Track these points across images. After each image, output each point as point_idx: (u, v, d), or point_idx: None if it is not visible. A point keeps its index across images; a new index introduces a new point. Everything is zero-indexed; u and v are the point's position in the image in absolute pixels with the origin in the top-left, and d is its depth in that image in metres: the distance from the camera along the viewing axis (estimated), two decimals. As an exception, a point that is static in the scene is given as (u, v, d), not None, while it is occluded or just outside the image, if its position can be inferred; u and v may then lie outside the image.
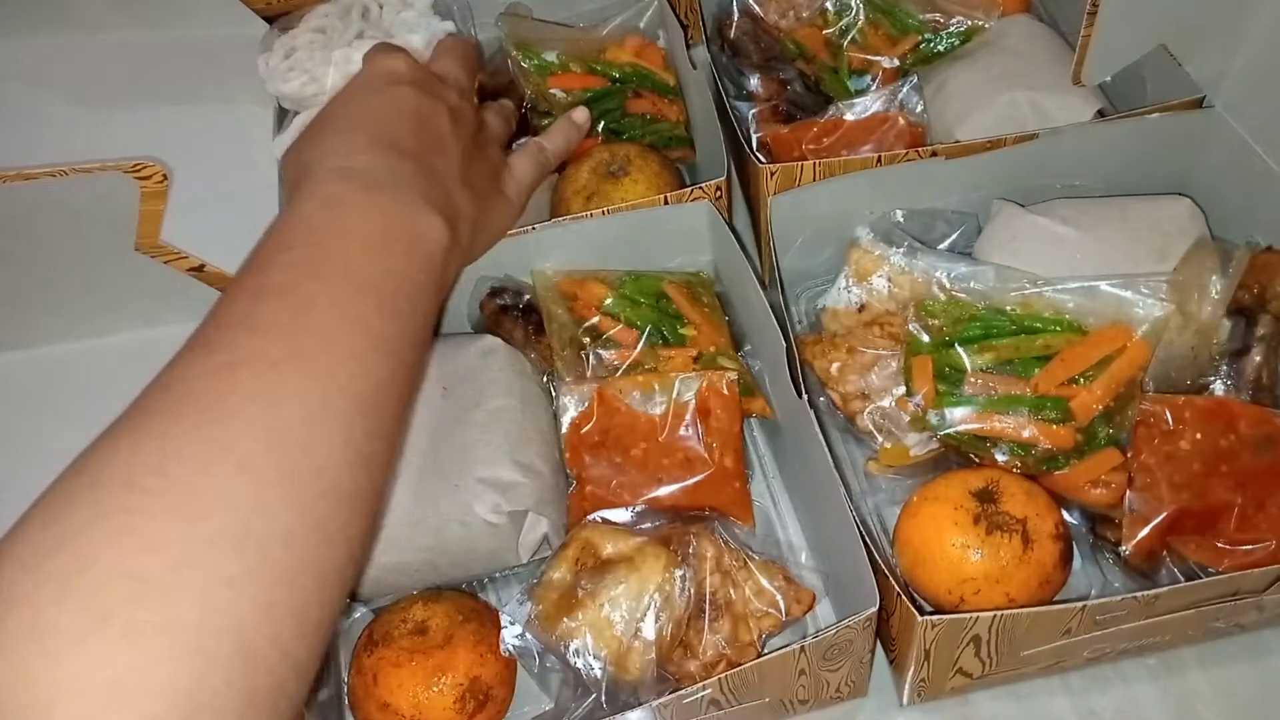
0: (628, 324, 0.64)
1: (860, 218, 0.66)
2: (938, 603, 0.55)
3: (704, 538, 0.55)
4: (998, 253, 0.63)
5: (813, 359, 0.63)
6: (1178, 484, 0.53)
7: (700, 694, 0.48)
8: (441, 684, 0.53)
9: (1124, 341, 0.56)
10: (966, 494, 0.55)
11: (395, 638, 0.55)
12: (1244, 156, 0.64)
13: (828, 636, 0.48)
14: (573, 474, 0.60)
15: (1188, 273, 0.58)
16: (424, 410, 0.60)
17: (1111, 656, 0.56)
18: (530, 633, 0.53)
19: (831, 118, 0.72)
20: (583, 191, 0.71)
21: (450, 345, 0.64)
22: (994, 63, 0.73)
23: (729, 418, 0.60)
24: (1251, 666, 0.57)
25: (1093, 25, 0.64)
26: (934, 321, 0.59)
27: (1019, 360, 0.57)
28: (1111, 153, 0.67)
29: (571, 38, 0.81)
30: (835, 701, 0.56)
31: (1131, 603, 0.48)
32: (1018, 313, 0.58)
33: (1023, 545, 0.53)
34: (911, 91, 0.72)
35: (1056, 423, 0.55)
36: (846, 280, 0.65)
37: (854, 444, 0.64)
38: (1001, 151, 0.65)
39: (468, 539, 0.57)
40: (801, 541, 0.62)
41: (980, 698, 0.57)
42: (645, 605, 0.51)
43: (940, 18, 0.76)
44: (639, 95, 0.79)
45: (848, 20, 0.77)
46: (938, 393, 0.57)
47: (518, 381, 0.62)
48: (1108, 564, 0.57)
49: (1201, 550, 0.53)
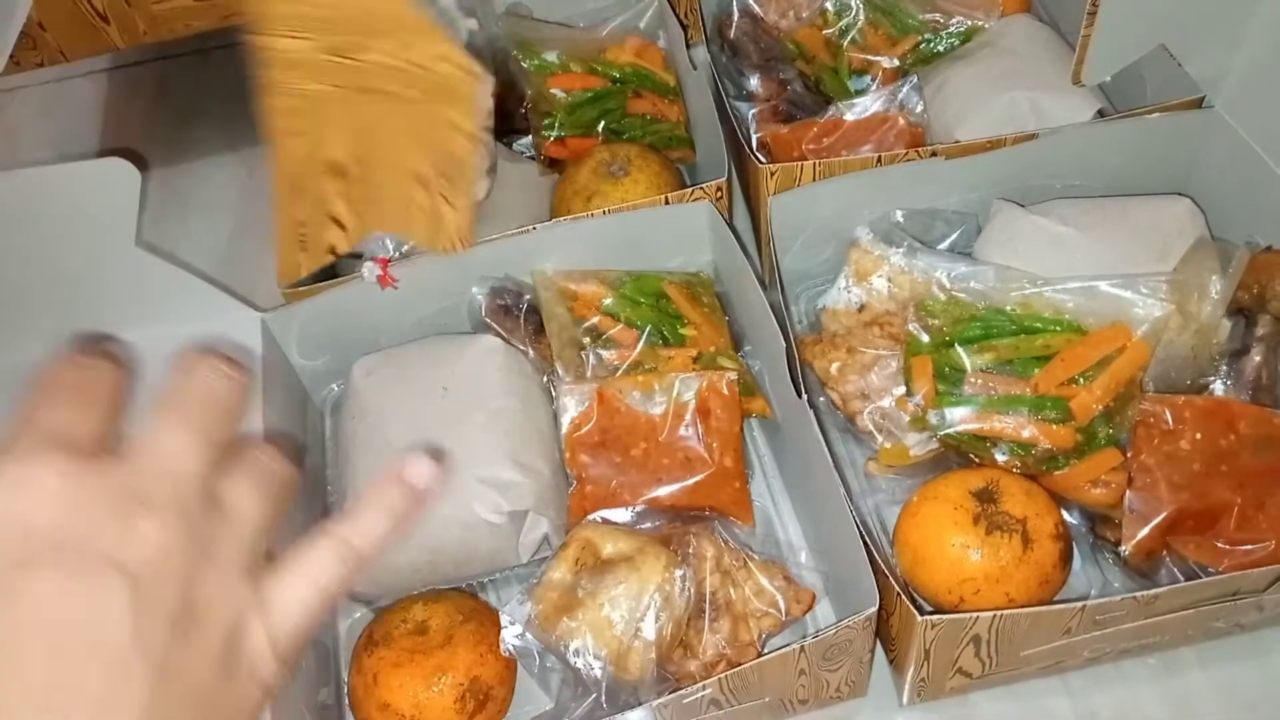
0: (628, 324, 0.64)
1: (860, 218, 0.66)
2: (937, 603, 0.55)
3: (704, 538, 0.55)
4: (998, 253, 0.63)
5: (813, 359, 0.63)
6: (1178, 484, 0.53)
7: (700, 694, 0.48)
8: (441, 684, 0.53)
9: (1124, 341, 0.56)
10: (966, 494, 0.55)
11: (395, 638, 0.55)
12: (1244, 157, 0.64)
13: (828, 636, 0.48)
14: (573, 474, 0.60)
15: (1187, 273, 0.58)
16: (424, 410, 0.60)
17: (1111, 656, 0.56)
18: (530, 633, 0.53)
19: (831, 118, 0.72)
20: (583, 192, 0.71)
21: (450, 345, 0.64)
22: (994, 63, 0.73)
23: (729, 418, 0.60)
24: (1251, 666, 0.57)
25: (1093, 25, 0.64)
26: (934, 321, 0.59)
27: (1019, 360, 0.57)
28: (1111, 153, 0.67)
29: (572, 38, 0.81)
30: (835, 701, 0.56)
31: (1131, 603, 0.48)
32: (1018, 313, 0.58)
33: (1022, 545, 0.53)
34: (911, 91, 0.72)
35: (1056, 423, 0.55)
36: (846, 280, 0.65)
37: (854, 444, 0.64)
38: (1001, 151, 0.65)
39: (468, 539, 0.57)
40: (801, 541, 0.62)
41: (980, 698, 0.57)
42: (645, 605, 0.51)
43: (940, 18, 0.76)
44: (639, 96, 0.79)
45: (848, 20, 0.77)
46: (938, 393, 0.57)
47: (518, 381, 0.62)
48: (1108, 564, 0.57)
49: (1201, 550, 0.53)
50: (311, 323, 0.66)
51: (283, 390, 0.65)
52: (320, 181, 0.63)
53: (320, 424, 0.70)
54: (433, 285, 0.66)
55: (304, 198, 0.64)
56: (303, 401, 0.69)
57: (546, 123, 0.76)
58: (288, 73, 0.59)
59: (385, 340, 0.67)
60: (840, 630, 0.48)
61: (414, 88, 0.59)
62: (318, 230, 0.64)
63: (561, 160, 0.77)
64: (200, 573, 0.33)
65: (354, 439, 0.61)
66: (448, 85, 0.58)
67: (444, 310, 0.68)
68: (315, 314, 0.65)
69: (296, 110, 0.60)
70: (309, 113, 0.60)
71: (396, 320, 0.67)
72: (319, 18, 0.57)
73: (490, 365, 0.62)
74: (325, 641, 0.60)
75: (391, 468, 0.38)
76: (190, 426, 0.35)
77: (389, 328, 0.67)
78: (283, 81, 0.59)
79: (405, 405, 0.61)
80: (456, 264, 0.65)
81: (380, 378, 0.63)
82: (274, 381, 0.63)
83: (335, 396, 0.70)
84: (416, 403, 0.61)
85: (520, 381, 0.62)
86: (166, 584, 0.32)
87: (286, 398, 0.66)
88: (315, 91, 0.59)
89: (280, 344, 0.66)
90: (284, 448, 0.37)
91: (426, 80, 0.58)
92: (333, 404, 0.70)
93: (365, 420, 0.61)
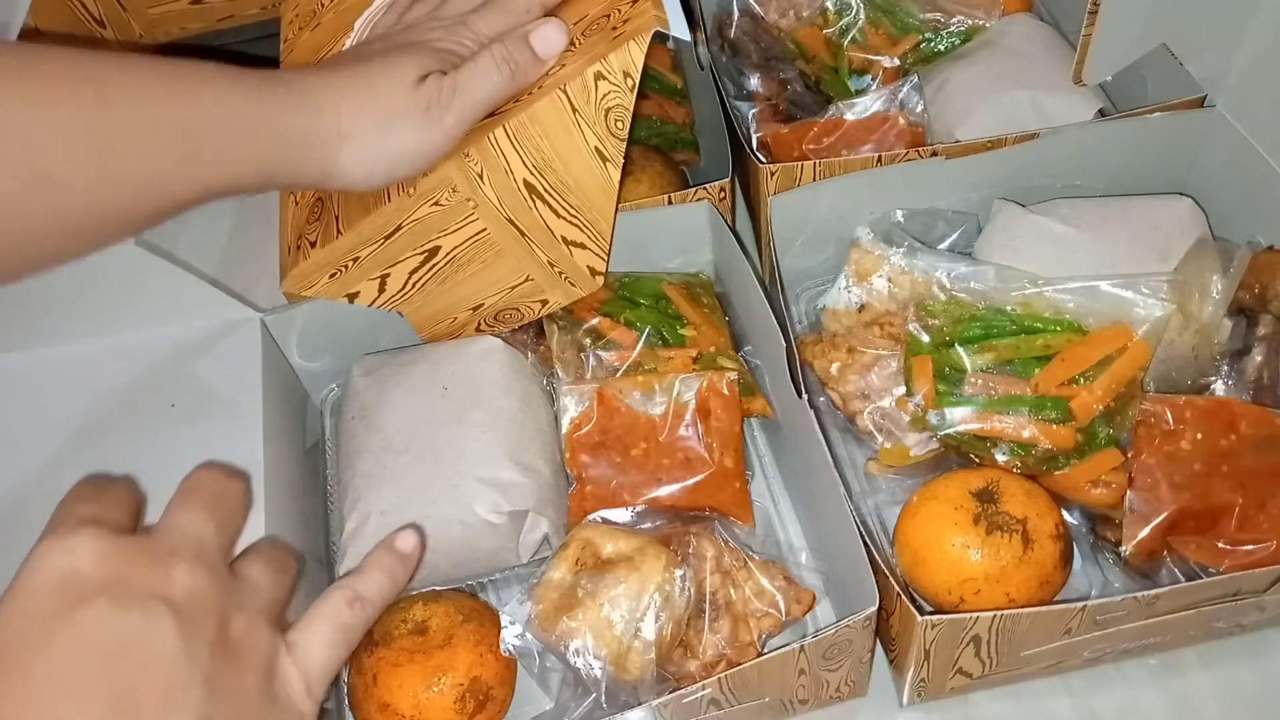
0: (627, 325, 0.64)
1: (860, 218, 0.66)
2: (938, 603, 0.55)
3: (704, 538, 0.55)
4: (998, 253, 0.63)
5: (813, 359, 0.63)
6: (1178, 484, 0.53)
7: (700, 694, 0.48)
8: (441, 684, 0.53)
9: (1124, 341, 0.56)
10: (966, 494, 0.55)
11: (395, 638, 0.55)
12: (1245, 156, 0.64)
13: (828, 636, 0.48)
14: (573, 474, 0.60)
15: (1188, 272, 0.58)
16: (424, 410, 0.60)
17: (1112, 657, 0.56)
18: (530, 633, 0.53)
19: (832, 117, 0.72)
20: (583, 191, 0.71)
21: (450, 345, 0.64)
22: (995, 62, 0.73)
23: (729, 418, 0.60)
24: (1252, 666, 0.57)
25: (1094, 24, 0.64)
26: (934, 321, 0.59)
27: (1019, 360, 0.57)
28: (1112, 152, 0.67)
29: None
30: (835, 701, 0.56)
31: (1132, 603, 0.48)
32: (1018, 313, 0.58)
33: (1023, 545, 0.53)
34: (912, 91, 0.72)
35: (1057, 423, 0.55)
36: (846, 280, 0.65)
37: (854, 444, 0.64)
38: (1002, 151, 0.65)
39: (468, 539, 0.57)
40: (801, 541, 0.62)
41: (980, 698, 0.57)
42: (645, 605, 0.51)
43: (941, 17, 0.76)
44: (645, 96, 0.78)
45: (848, 20, 0.77)
46: (938, 393, 0.57)
47: (518, 381, 0.62)
48: (1108, 564, 0.57)
49: (1202, 550, 0.53)
50: (311, 323, 0.66)
51: (283, 390, 0.65)
52: (530, 213, 0.57)
53: (320, 424, 0.70)
54: (433, 285, 0.66)
55: (535, 235, 0.58)
56: (303, 401, 0.69)
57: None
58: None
59: (385, 340, 0.67)
60: (840, 630, 0.48)
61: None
62: (567, 264, 0.60)
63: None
64: (231, 616, 0.39)
65: (354, 439, 0.61)
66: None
67: (444, 310, 0.68)
68: (315, 314, 0.65)
69: (469, 154, 0.54)
70: (480, 146, 0.54)
71: (397, 320, 0.67)
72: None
73: (490, 365, 0.62)
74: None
75: (385, 539, 0.48)
76: (205, 509, 0.42)
77: (389, 328, 0.67)
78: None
79: (405, 405, 0.61)
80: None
81: (380, 378, 0.63)
82: (274, 381, 0.63)
83: (335, 396, 0.70)
84: (416, 403, 0.61)
85: (520, 381, 0.62)
86: (206, 616, 0.38)
87: (286, 398, 0.66)
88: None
89: (280, 344, 0.66)
90: (286, 548, 0.45)
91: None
92: (333, 404, 0.70)
93: (365, 420, 0.61)
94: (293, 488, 0.62)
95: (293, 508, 0.61)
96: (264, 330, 0.64)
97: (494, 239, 0.57)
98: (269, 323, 0.64)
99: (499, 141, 0.53)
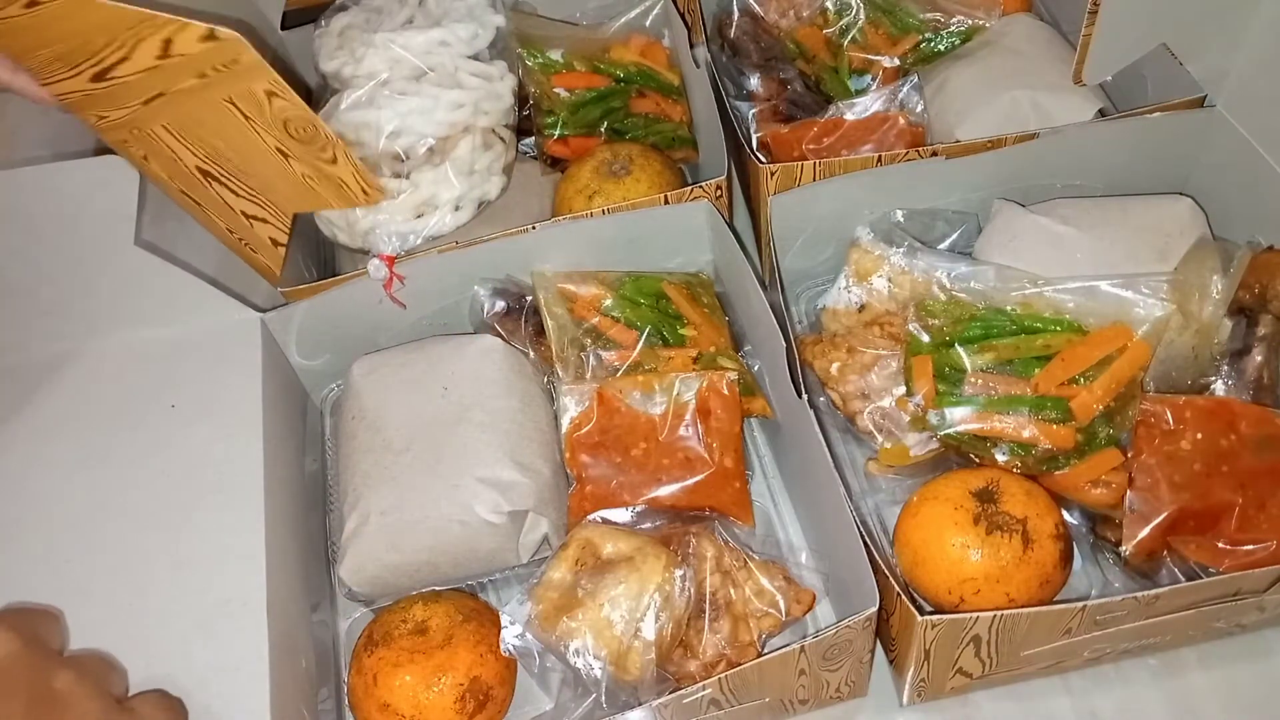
0: (627, 324, 0.64)
1: (860, 218, 0.66)
2: (938, 603, 0.55)
3: (704, 538, 0.55)
4: (998, 253, 0.63)
5: (813, 359, 0.63)
6: (1178, 484, 0.53)
7: (700, 694, 0.48)
8: (441, 684, 0.53)
9: (1124, 341, 0.56)
10: (966, 494, 0.55)
11: (395, 638, 0.54)
12: (1245, 156, 0.64)
13: (828, 636, 0.48)
14: (573, 474, 0.60)
15: (1188, 272, 0.58)
16: (424, 410, 0.60)
17: (1112, 657, 0.56)
18: (530, 633, 0.53)
19: (832, 117, 0.72)
20: (585, 190, 0.71)
21: (450, 345, 0.64)
22: (995, 62, 0.73)
23: (729, 418, 0.60)
24: (1252, 666, 0.57)
25: (1094, 24, 0.64)
26: (934, 321, 0.59)
27: (1019, 360, 0.57)
28: (1112, 152, 0.67)
29: (576, 36, 0.81)
30: (835, 701, 0.56)
31: (1131, 603, 0.48)
32: (1018, 313, 0.58)
33: (1023, 545, 0.53)
34: (912, 91, 0.72)
35: (1057, 423, 0.55)
36: (846, 280, 0.65)
37: (854, 444, 0.64)
38: (1002, 151, 0.65)
39: (468, 539, 0.57)
40: (801, 541, 0.62)
41: (980, 698, 0.57)
42: (645, 605, 0.51)
43: (941, 17, 0.76)
44: (643, 95, 0.78)
45: (848, 20, 0.77)
46: (938, 393, 0.57)
47: (518, 381, 0.62)
48: (1108, 564, 0.57)
49: (1202, 550, 0.53)
50: (311, 322, 0.66)
51: (283, 390, 0.65)
52: (205, 190, 0.63)
53: (320, 424, 0.70)
54: (433, 285, 0.66)
55: (213, 208, 0.64)
56: (303, 401, 0.69)
57: (549, 121, 0.76)
58: (88, 110, 0.58)
59: (385, 340, 0.67)
60: (840, 630, 0.48)
61: (190, 76, 0.56)
62: (247, 232, 0.65)
63: (563, 159, 0.77)
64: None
65: (354, 439, 0.61)
66: (218, 60, 0.55)
67: (444, 310, 0.68)
68: (315, 314, 0.65)
69: (127, 140, 0.60)
70: (137, 138, 0.60)
71: (396, 320, 0.67)
72: (58, 55, 0.55)
73: (490, 365, 0.62)
74: (325, 641, 0.60)
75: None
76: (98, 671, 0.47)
77: (389, 328, 0.67)
78: (94, 117, 0.58)
79: (405, 405, 0.61)
80: (457, 264, 0.65)
81: (380, 378, 0.63)
82: (274, 381, 0.63)
83: (335, 396, 0.70)
84: (416, 403, 0.61)
85: (520, 381, 0.62)
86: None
87: (286, 398, 0.66)
88: (121, 118, 0.58)
89: (280, 344, 0.66)
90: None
91: (196, 64, 0.55)
92: (333, 404, 0.70)
93: (365, 420, 0.61)
94: (291, 487, 0.62)
95: (292, 508, 0.61)
96: (264, 330, 0.64)
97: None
98: (269, 322, 0.64)
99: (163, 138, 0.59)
